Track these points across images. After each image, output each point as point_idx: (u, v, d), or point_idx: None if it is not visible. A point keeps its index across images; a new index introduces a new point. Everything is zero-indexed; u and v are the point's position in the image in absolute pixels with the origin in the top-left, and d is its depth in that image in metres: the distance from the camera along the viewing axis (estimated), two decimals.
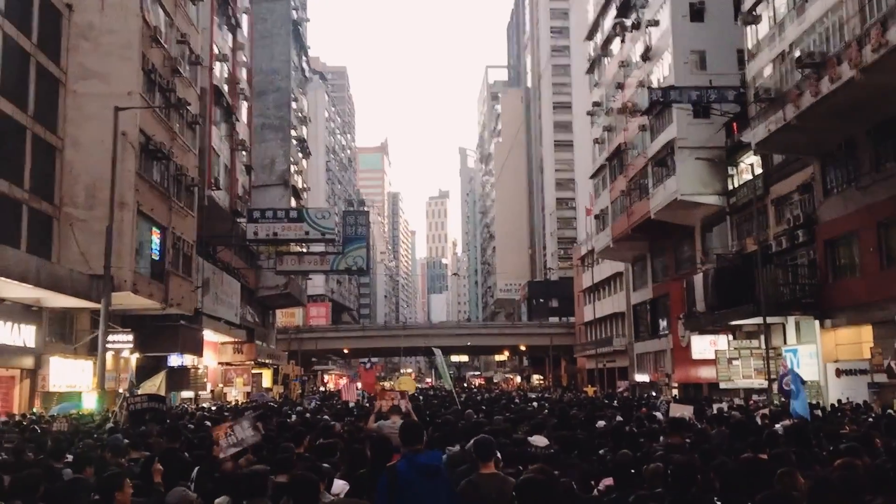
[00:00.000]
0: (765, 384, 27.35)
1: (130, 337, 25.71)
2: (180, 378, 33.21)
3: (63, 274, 23.11)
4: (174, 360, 32.31)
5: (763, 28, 30.27)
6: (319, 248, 50.61)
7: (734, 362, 31.11)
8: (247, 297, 47.91)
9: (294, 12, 58.70)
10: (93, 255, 24.40)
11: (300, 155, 60.00)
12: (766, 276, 27.99)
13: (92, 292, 23.24)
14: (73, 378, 25.02)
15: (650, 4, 41.85)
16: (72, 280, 23.13)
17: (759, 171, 33.57)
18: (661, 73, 40.11)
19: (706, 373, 34.73)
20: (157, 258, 28.51)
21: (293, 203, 53.51)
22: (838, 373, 27.29)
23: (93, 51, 26.51)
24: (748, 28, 31.40)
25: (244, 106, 46.33)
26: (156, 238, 28.54)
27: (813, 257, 29.48)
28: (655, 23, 40.83)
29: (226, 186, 40.81)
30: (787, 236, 30.50)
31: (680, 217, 40.14)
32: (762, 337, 28.57)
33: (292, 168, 54.84)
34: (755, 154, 32.47)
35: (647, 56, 41.82)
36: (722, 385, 32.33)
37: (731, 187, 36.51)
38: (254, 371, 45.29)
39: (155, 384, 19.70)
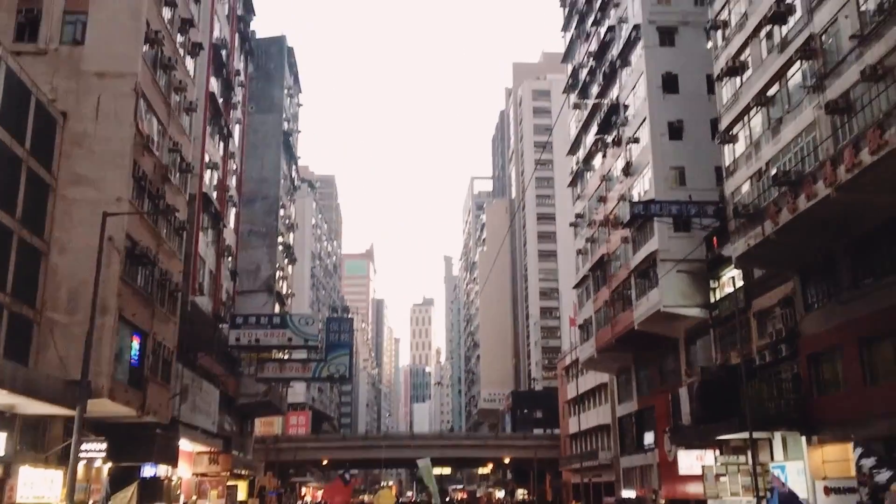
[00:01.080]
0: (753, 502, 26.78)
1: (104, 445, 24.95)
2: (153, 490, 32.05)
3: (40, 379, 22.65)
4: (148, 470, 31.28)
5: (740, 147, 31.30)
6: (302, 355, 50.05)
7: (722, 478, 30.53)
8: (225, 404, 46.96)
9: (285, 123, 60.12)
10: (71, 361, 24.00)
11: (286, 261, 60.18)
12: (750, 391, 27.88)
13: (68, 398, 22.73)
14: (42, 489, 24.11)
15: (630, 123, 43.31)
16: (48, 386, 22.65)
17: (740, 284, 33.96)
18: (642, 187, 41.10)
19: (694, 489, 34.03)
20: (135, 364, 28.05)
21: (277, 309, 53.29)
22: (827, 491, 26.80)
23: (85, 157, 26.87)
24: (725, 147, 32.46)
25: (232, 212, 46.80)
26: (136, 344, 28.18)
27: (797, 371, 29.46)
28: (636, 140, 42.13)
29: (210, 292, 40.69)
30: (771, 350, 30.56)
31: (664, 329, 40.26)
32: (749, 452, 28.18)
33: (277, 274, 54.90)
34: (736, 268, 32.92)
35: (627, 171, 42.93)
36: (710, 503, 31.62)
37: (713, 300, 36.81)
38: (229, 483, 43.86)
39: (126, 496, 19.03)
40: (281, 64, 60.98)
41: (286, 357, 50.03)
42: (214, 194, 41.38)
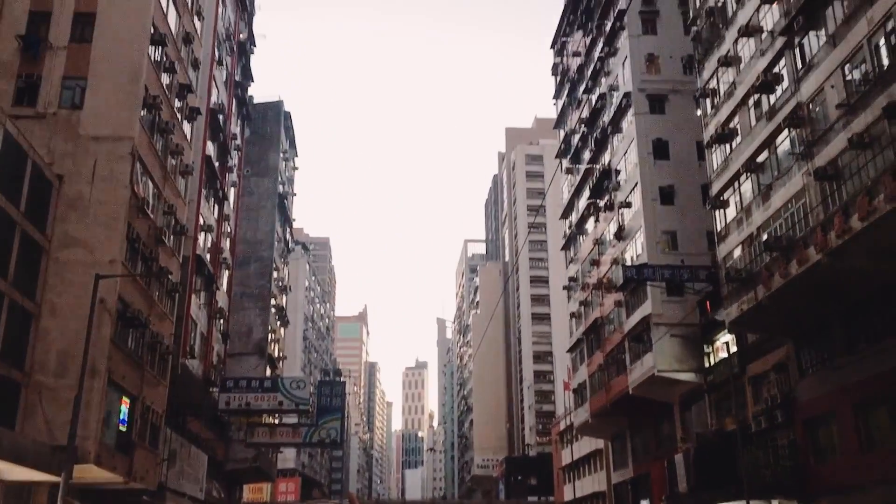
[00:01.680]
0: None
1: None
2: None
3: (26, 445, 22.26)
4: None
5: (731, 212, 31.59)
6: (293, 419, 49.39)
7: None
8: (214, 470, 46.09)
9: (281, 186, 60.59)
10: (58, 425, 23.64)
11: (278, 324, 59.89)
12: (746, 458, 27.53)
13: (54, 464, 22.31)
14: None
15: (622, 187, 43.76)
16: (34, 451, 22.25)
17: (734, 349, 33.84)
18: (635, 251, 41.30)
19: None
20: (124, 429, 27.64)
21: (268, 372, 52.81)
22: None
23: (79, 220, 26.94)
24: (716, 212, 32.76)
25: (225, 275, 46.74)
26: (124, 408, 27.80)
27: (793, 438, 29.16)
28: (627, 204, 42.51)
29: (201, 355, 40.36)
30: (766, 416, 30.28)
31: (658, 393, 39.94)
32: None
33: (269, 337, 54.58)
34: (729, 333, 32.87)
35: (620, 235, 43.20)
36: None
37: (707, 365, 36.64)
38: None
39: None
40: (277, 128, 61.79)
41: (277, 422, 49.37)
42: (208, 256, 41.39)
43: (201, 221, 39.50)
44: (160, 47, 31.04)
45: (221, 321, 45.24)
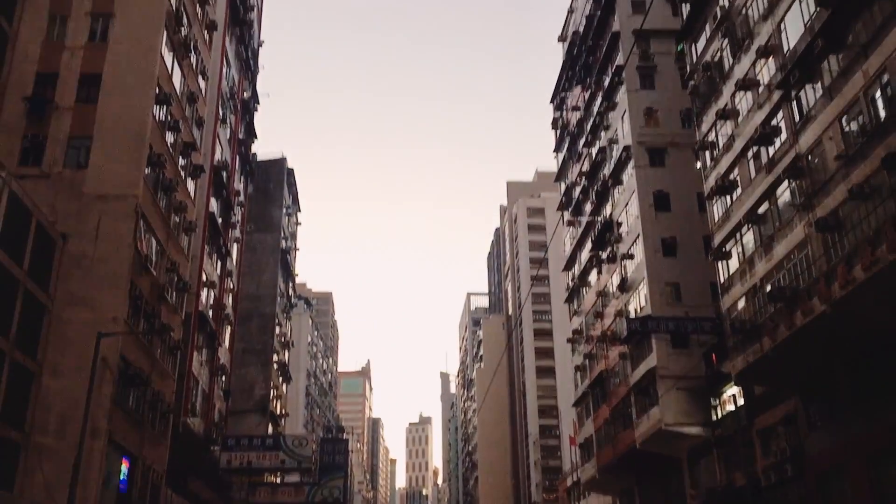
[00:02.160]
0: None
1: None
2: None
3: None
4: None
5: (734, 263, 31.55)
6: (295, 478, 48.69)
7: None
8: None
9: (283, 242, 60.81)
10: (58, 486, 23.30)
11: (280, 380, 59.47)
12: None
13: None
14: None
15: (624, 239, 43.83)
16: None
17: (741, 402, 33.46)
18: (638, 303, 41.15)
19: None
20: (123, 490, 27.24)
21: (270, 429, 52.24)
22: None
23: (83, 278, 26.97)
24: (719, 263, 32.72)
25: (227, 331, 46.58)
26: (125, 468, 27.45)
27: (805, 493, 28.61)
28: (630, 256, 42.52)
29: (202, 413, 39.97)
30: (776, 470, 29.78)
31: (666, 448, 39.36)
32: None
33: (272, 393, 54.14)
34: (736, 385, 32.53)
35: (623, 287, 43.10)
36: None
37: (715, 418, 36.18)
38: None
39: None
40: (280, 184, 62.29)
41: (279, 481, 48.67)
42: (210, 313, 41.31)
43: (204, 278, 39.52)
44: (165, 106, 31.47)
45: (223, 378, 44.92)
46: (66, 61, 29.82)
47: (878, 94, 22.15)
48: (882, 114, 21.97)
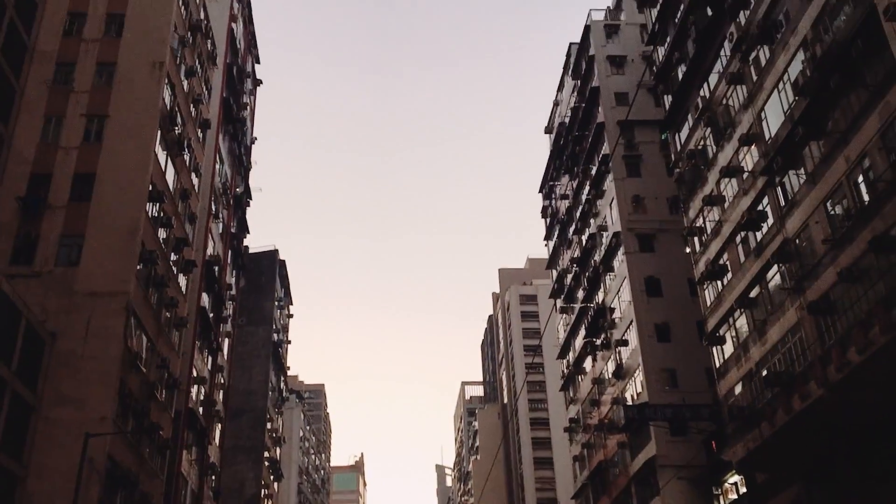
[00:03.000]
0: None
1: None
2: None
3: None
4: None
5: (728, 348, 31.43)
6: None
7: None
8: None
9: (275, 335, 60.41)
10: None
11: (272, 478, 58.05)
12: None
13: None
14: None
15: (618, 325, 43.74)
16: None
17: (744, 489, 32.74)
18: (635, 389, 40.75)
19: None
20: None
21: None
22: None
23: (71, 377, 26.59)
24: (714, 348, 32.59)
25: (218, 428, 45.70)
26: None
27: None
28: (624, 342, 42.34)
29: None
30: None
31: None
32: None
33: (262, 492, 52.74)
34: (738, 473, 31.91)
35: (619, 374, 42.76)
36: None
37: None
38: None
39: None
40: (272, 277, 62.35)
41: None
42: (200, 410, 40.61)
43: (194, 374, 39.03)
44: (158, 203, 31.74)
45: (213, 477, 43.81)
46: (61, 161, 30.21)
47: (861, 178, 22.57)
48: (866, 198, 22.33)
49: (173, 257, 34.45)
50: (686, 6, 34.27)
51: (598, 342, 47.24)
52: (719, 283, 32.24)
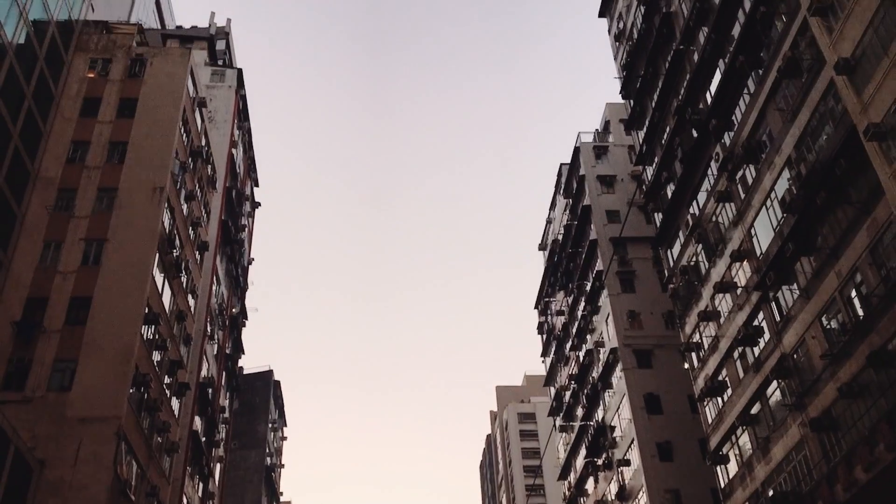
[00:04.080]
0: None
1: None
2: None
3: None
4: None
5: (732, 467, 30.75)
6: None
7: None
8: None
9: (268, 458, 58.99)
10: None
11: None
12: None
13: None
14: None
15: (619, 444, 42.90)
16: None
17: None
18: None
19: None
20: None
21: None
22: None
23: None
24: (718, 468, 31.88)
25: None
26: None
27: None
28: (626, 462, 41.42)
29: None
30: None
31: None
32: None
33: None
34: None
35: (622, 496, 41.59)
36: None
37: None
38: None
39: None
40: (266, 398, 61.47)
41: None
42: None
43: (185, 501, 37.84)
44: (153, 326, 31.63)
45: None
46: (58, 285, 30.28)
47: (854, 293, 22.73)
48: (860, 312, 22.41)
49: (167, 380, 34.05)
50: (672, 129, 35.43)
51: (600, 462, 46.19)
52: (719, 399, 31.87)
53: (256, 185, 59.68)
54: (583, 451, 50.04)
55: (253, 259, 57.55)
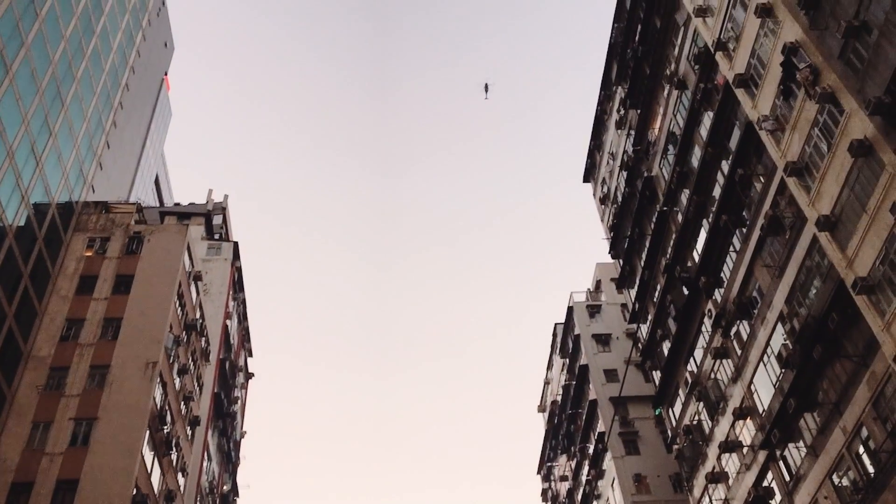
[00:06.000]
0: None
1: None
2: None
3: None
4: None
5: None
6: None
7: None
8: None
9: None
10: None
11: None
12: None
13: None
14: None
15: None
16: None
17: None
18: None
19: None
20: None
21: None
22: None
23: None
24: None
25: None
26: None
27: None
28: None
29: None
30: None
31: None
32: None
33: None
34: None
35: None
36: None
37: None
38: None
39: None
40: None
41: None
42: None
43: None
44: None
45: None
46: (45, 468, 29.35)
47: (862, 449, 22.11)
48: (871, 469, 21.71)
49: None
50: (662, 287, 35.77)
51: None
52: None
53: (250, 356, 59.28)
54: None
55: (245, 432, 56.21)
